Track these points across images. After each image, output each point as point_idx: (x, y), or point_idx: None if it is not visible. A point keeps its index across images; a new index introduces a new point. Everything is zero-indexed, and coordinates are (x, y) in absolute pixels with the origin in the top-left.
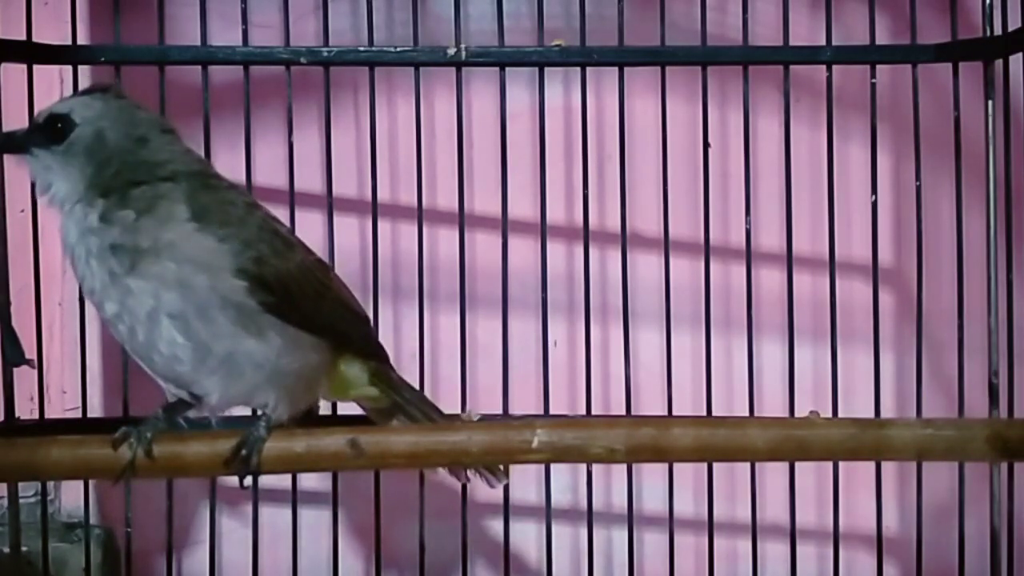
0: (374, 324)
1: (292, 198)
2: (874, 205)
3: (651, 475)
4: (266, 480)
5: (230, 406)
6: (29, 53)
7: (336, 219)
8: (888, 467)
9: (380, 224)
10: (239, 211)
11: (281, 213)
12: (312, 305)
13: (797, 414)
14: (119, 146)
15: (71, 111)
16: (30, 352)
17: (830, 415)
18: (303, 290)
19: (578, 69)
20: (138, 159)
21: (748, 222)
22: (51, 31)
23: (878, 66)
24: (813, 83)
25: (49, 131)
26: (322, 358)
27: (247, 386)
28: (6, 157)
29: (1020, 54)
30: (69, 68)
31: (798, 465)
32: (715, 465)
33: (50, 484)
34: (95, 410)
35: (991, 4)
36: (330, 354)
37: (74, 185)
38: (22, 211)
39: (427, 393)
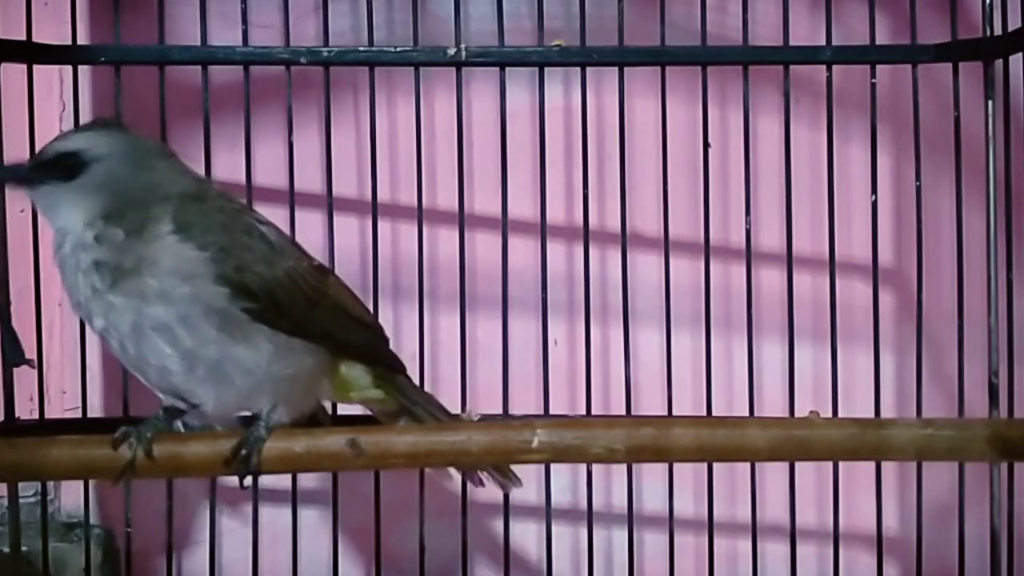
0: None
1: (292, 198)
2: (874, 205)
3: (651, 475)
4: (266, 480)
5: (227, 413)
6: (29, 53)
7: (336, 219)
8: (888, 467)
9: (380, 224)
10: (224, 219)
11: (281, 213)
12: (303, 312)
13: (797, 414)
14: (127, 177)
15: (81, 149)
16: (30, 352)
17: (830, 415)
18: (292, 297)
19: (578, 69)
20: (140, 184)
21: (748, 222)
22: (51, 31)
23: (878, 66)
24: (813, 83)
25: (58, 168)
26: (319, 362)
27: (240, 392)
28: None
29: (1020, 54)
30: (69, 68)
31: (798, 465)
32: (715, 465)
33: (50, 484)
34: (95, 410)
35: (991, 4)
36: (329, 358)
37: (82, 216)
38: (22, 211)
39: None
